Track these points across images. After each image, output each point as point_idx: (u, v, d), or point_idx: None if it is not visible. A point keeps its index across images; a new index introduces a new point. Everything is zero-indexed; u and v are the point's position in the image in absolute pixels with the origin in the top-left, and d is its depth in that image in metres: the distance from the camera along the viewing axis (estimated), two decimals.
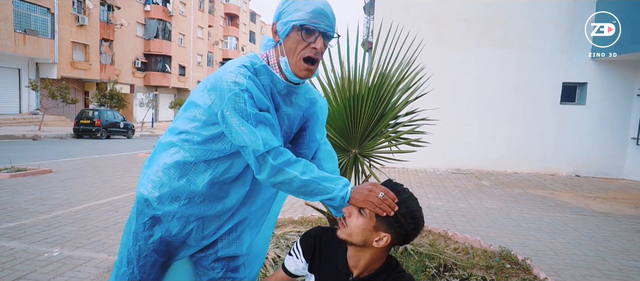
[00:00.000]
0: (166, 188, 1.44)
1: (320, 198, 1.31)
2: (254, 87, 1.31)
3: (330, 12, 1.37)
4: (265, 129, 1.29)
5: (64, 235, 4.04)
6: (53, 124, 23.66)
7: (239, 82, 1.29)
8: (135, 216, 1.49)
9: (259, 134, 1.27)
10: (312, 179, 1.29)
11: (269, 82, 1.40)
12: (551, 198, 7.39)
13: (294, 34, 1.34)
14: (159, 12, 35.30)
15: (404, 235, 1.27)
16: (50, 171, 7.87)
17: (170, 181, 1.43)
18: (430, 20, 10.84)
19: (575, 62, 10.42)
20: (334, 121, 2.89)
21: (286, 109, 1.49)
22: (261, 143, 1.27)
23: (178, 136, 1.44)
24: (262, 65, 1.40)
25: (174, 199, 1.44)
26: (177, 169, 1.43)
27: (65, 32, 26.14)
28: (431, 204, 6.42)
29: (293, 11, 1.34)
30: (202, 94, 1.38)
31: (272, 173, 1.29)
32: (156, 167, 1.47)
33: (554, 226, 5.34)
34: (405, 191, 1.28)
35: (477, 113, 10.83)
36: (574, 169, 10.61)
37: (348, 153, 2.97)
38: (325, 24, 1.35)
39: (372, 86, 2.87)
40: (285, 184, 1.30)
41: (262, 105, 1.33)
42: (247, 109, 1.28)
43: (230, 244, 1.56)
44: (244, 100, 1.28)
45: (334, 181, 1.31)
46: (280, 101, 1.45)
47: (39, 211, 4.89)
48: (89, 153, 12.17)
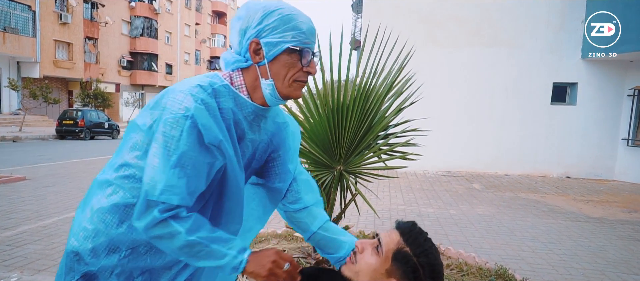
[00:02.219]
0: (102, 238, 1.16)
1: (208, 264, 1.08)
2: (203, 116, 1.05)
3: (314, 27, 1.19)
4: (180, 176, 1.04)
5: (26, 256, 3.73)
6: (35, 125, 23.05)
7: (186, 106, 1.04)
8: (64, 274, 1.21)
9: (165, 177, 1.02)
10: (199, 240, 1.05)
11: (232, 106, 1.15)
12: (543, 201, 7.24)
13: (287, 57, 1.13)
14: (145, 9, 34.70)
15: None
16: (24, 178, 7.50)
17: (106, 229, 1.16)
18: (420, 19, 10.64)
19: (566, 63, 10.31)
20: (317, 135, 2.64)
21: (253, 136, 1.25)
22: (160, 189, 1.02)
23: (116, 172, 1.17)
24: (222, 85, 1.15)
25: (112, 250, 1.17)
26: (115, 213, 1.16)
27: (47, 31, 25.47)
28: (422, 211, 6.21)
29: (283, 30, 1.11)
30: (144, 113, 1.13)
31: (153, 222, 1.04)
32: (90, 211, 1.20)
33: (549, 234, 5.16)
34: (428, 240, 1.11)
35: (467, 114, 10.66)
36: (565, 171, 10.50)
37: (332, 169, 2.72)
38: (314, 42, 1.17)
39: (358, 95, 2.62)
40: (164, 239, 1.06)
41: (211, 137, 1.07)
42: (178, 141, 1.03)
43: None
44: (180, 129, 1.03)
45: (227, 244, 1.09)
46: (245, 127, 1.20)
47: (3, 227, 4.56)
48: (69, 156, 11.76)
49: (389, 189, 7.86)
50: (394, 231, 1.12)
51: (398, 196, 7.30)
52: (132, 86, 35.06)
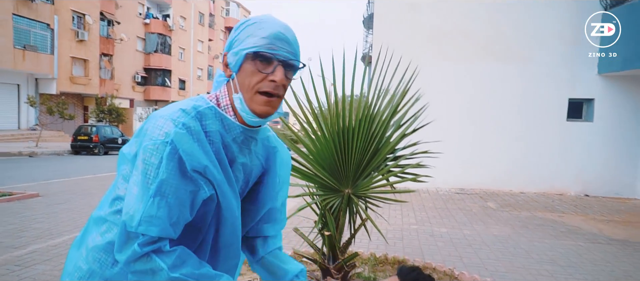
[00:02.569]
0: (97, 278, 1.11)
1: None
2: (183, 141, 0.98)
3: (292, 37, 1.08)
4: (159, 206, 0.97)
5: (35, 277, 3.70)
6: (51, 140, 23.44)
7: (166, 131, 0.98)
8: None
9: (143, 206, 0.96)
10: (183, 278, 0.99)
11: (219, 128, 1.08)
12: (561, 221, 7.02)
13: (248, 65, 1.05)
14: (159, 26, 35.34)
15: None
16: (38, 195, 7.55)
17: (101, 269, 1.10)
18: (430, 34, 10.58)
19: (581, 78, 10.11)
20: (323, 158, 2.57)
21: (244, 159, 1.17)
22: (138, 220, 0.96)
23: (110, 207, 1.11)
24: (207, 107, 1.08)
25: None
26: (109, 252, 1.09)
27: (64, 48, 26.07)
28: (434, 231, 6.06)
29: (245, 38, 1.06)
30: (131, 142, 1.08)
31: (134, 257, 0.97)
32: (85, 250, 1.14)
33: (568, 257, 4.97)
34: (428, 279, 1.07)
35: (480, 130, 10.49)
36: (583, 189, 10.22)
37: (340, 193, 2.64)
38: (286, 51, 1.05)
39: (363, 117, 2.55)
40: (147, 275, 0.99)
41: (195, 163, 1.00)
42: (158, 169, 0.97)
43: None
44: (160, 156, 0.97)
45: (213, 279, 1.03)
46: (235, 150, 1.13)
47: (14, 246, 4.56)
48: (83, 172, 11.87)
49: (400, 208, 7.72)
50: (395, 278, 1.07)
51: (410, 215, 7.16)
52: (145, 101, 35.55)
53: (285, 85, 1.08)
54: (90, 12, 27.65)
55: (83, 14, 27.18)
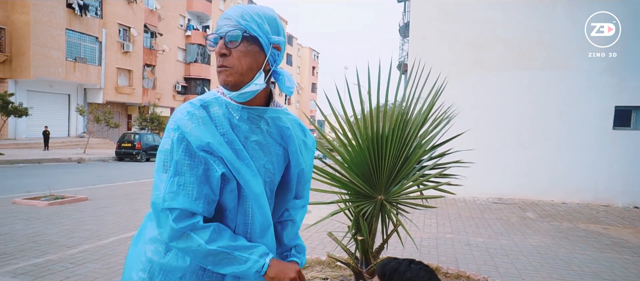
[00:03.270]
0: (155, 267, 1.24)
1: (232, 269, 1.14)
2: (187, 124, 1.14)
3: (237, 11, 1.17)
4: (178, 184, 1.11)
5: (86, 274, 3.96)
6: (97, 147, 24.68)
7: (175, 119, 1.16)
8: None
9: (164, 185, 1.11)
10: (220, 249, 1.12)
11: (224, 111, 1.21)
12: (606, 234, 6.74)
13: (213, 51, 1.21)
14: (199, 37, 36.56)
15: None
16: (87, 199, 8.01)
17: (157, 258, 1.23)
18: (466, 43, 10.45)
19: (629, 85, 9.68)
20: (357, 165, 2.65)
21: (257, 137, 1.26)
22: (162, 197, 1.11)
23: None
24: (214, 98, 1.23)
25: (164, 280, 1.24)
26: (161, 242, 1.23)
27: (111, 59, 27.48)
28: (470, 240, 5.98)
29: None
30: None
31: (174, 235, 1.12)
32: (143, 243, 1.29)
33: (613, 270, 4.78)
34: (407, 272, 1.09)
35: (519, 139, 10.23)
36: (632, 200, 9.73)
37: (373, 199, 2.70)
38: (228, 25, 1.16)
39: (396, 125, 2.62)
40: (189, 251, 1.13)
41: (198, 141, 1.13)
42: (171, 152, 1.13)
43: None
44: (171, 141, 1.13)
45: (249, 249, 1.15)
46: (246, 129, 1.24)
47: (67, 245, 4.89)
48: (126, 178, 12.45)
49: (436, 217, 7.65)
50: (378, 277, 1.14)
51: (446, 224, 7.08)
52: None
53: (225, 53, 1.17)
54: (135, 25, 29.03)
55: (129, 26, 28.58)
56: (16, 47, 21.94)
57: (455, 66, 10.09)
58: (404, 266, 1.09)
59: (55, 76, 23.52)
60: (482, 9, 10.44)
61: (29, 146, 21.40)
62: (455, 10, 10.60)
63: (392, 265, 1.11)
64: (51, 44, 23.03)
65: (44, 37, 22.60)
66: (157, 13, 31.82)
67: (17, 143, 21.46)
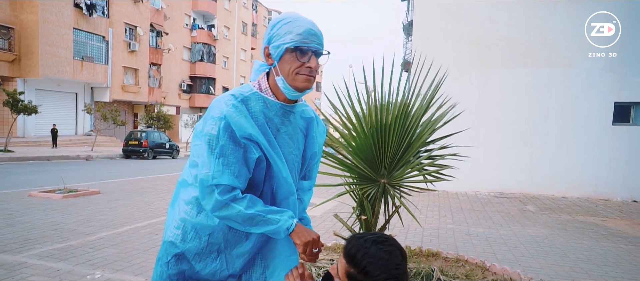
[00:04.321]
0: (188, 225, 1.49)
1: (266, 229, 1.36)
2: (233, 116, 1.36)
3: (319, 31, 1.42)
4: (224, 164, 1.34)
5: (106, 258, 4.21)
6: (104, 145, 25.01)
7: (221, 109, 1.37)
8: (161, 256, 1.54)
9: (212, 165, 1.33)
10: (257, 213, 1.35)
11: (262, 107, 1.45)
12: (603, 225, 6.93)
13: (288, 56, 1.39)
14: (204, 36, 36.87)
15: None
16: (99, 192, 8.28)
17: (190, 218, 1.49)
18: (470, 41, 10.64)
19: (629, 81, 9.84)
20: (362, 151, 2.87)
21: (287, 129, 1.51)
22: (211, 175, 1.32)
23: (190, 170, 1.51)
24: (252, 93, 1.45)
25: (195, 236, 1.49)
26: (194, 205, 1.48)
27: (117, 58, 27.82)
28: (471, 230, 6.19)
29: (284, 34, 1.38)
30: (200, 123, 1.46)
31: (218, 206, 1.35)
32: (178, 206, 1.54)
33: (606, 257, 4.99)
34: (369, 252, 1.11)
35: (521, 135, 10.42)
36: (631, 195, 9.90)
37: (377, 183, 2.93)
38: (316, 43, 1.39)
39: (398, 114, 2.84)
40: (230, 218, 1.36)
41: (242, 131, 1.36)
42: (217, 137, 1.34)
43: (252, 274, 1.57)
44: (218, 128, 1.34)
45: (279, 213, 1.38)
46: (278, 122, 1.48)
47: (86, 233, 5.14)
48: (135, 174, 12.72)
49: (438, 209, 7.86)
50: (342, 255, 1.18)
51: (448, 215, 7.29)
52: (191, 108, 37.10)
53: (317, 68, 1.43)
54: (142, 24, 29.36)
55: (135, 26, 28.91)
56: (25, 46, 22.30)
57: (458, 64, 10.29)
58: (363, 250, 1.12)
59: (63, 74, 23.87)
60: (485, 8, 10.62)
61: (38, 144, 21.75)
62: (459, 9, 10.79)
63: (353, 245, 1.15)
64: (59, 43, 23.37)
65: (52, 37, 22.94)
66: (162, 12, 32.14)
67: (26, 141, 21.82)
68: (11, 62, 22.06)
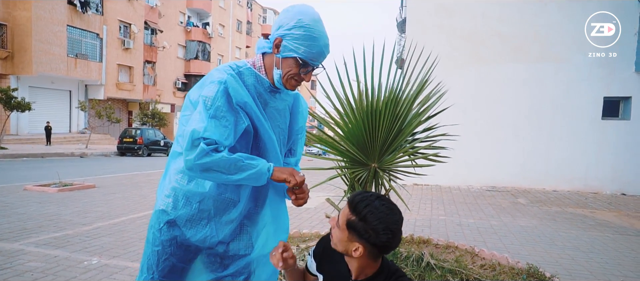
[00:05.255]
0: (178, 193, 1.56)
1: (248, 173, 1.43)
2: (232, 82, 1.47)
3: (328, 50, 1.55)
4: (216, 124, 1.42)
5: (102, 245, 4.28)
6: (99, 143, 24.94)
7: (220, 76, 1.48)
8: (153, 224, 1.61)
9: (206, 122, 1.40)
10: (237, 157, 1.42)
11: (254, 82, 1.57)
12: (592, 216, 7.07)
13: (292, 61, 1.52)
14: (199, 34, 36.79)
15: (378, 246, 1.24)
16: (94, 186, 8.32)
17: (181, 186, 1.56)
18: (463, 37, 10.76)
19: (618, 76, 10.01)
20: (353, 136, 2.96)
21: (275, 104, 1.64)
22: (203, 128, 1.39)
23: (180, 143, 1.54)
24: (246, 68, 1.58)
25: (186, 203, 1.56)
26: (185, 173, 1.55)
27: (112, 56, 27.71)
28: (462, 221, 6.30)
29: (299, 40, 1.48)
30: (194, 93, 1.55)
31: (201, 154, 1.39)
32: (169, 176, 1.61)
33: (592, 245, 5.12)
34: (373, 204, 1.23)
35: (513, 129, 10.56)
36: (619, 188, 10.08)
37: (367, 167, 3.02)
38: (320, 62, 1.55)
39: (389, 100, 2.93)
40: (213, 167, 1.41)
41: (238, 98, 1.47)
42: (214, 99, 1.43)
43: (240, 242, 1.64)
44: (216, 90, 1.44)
45: (255, 159, 1.46)
46: (267, 97, 1.61)
47: (82, 223, 5.20)
48: (130, 170, 12.74)
49: (431, 202, 7.97)
50: (346, 204, 1.30)
51: (440, 207, 7.40)
52: None
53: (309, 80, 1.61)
54: (136, 22, 29.27)
55: (129, 23, 28.82)
56: (18, 43, 22.18)
57: (452, 60, 10.40)
58: (367, 201, 1.24)
59: (56, 72, 23.76)
60: (478, 3, 10.75)
61: (32, 142, 21.66)
62: (452, 4, 10.91)
63: (359, 195, 1.28)
64: (53, 40, 23.26)
65: (46, 34, 22.83)
66: (157, 10, 32.05)
67: (19, 139, 21.71)
68: (4, 59, 21.94)
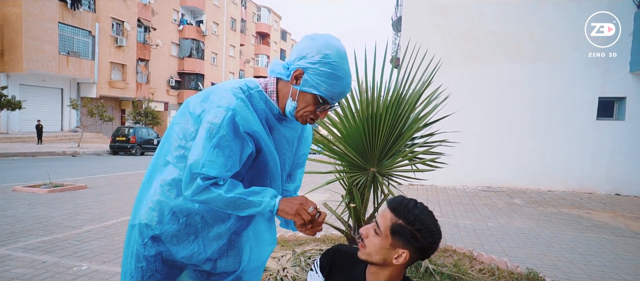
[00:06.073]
0: (165, 208, 1.45)
1: (249, 211, 1.35)
2: (242, 109, 1.34)
3: (350, 89, 1.45)
4: (219, 154, 1.31)
5: (92, 250, 4.17)
6: (91, 141, 24.67)
7: (228, 100, 1.33)
8: (136, 239, 1.49)
9: (205, 153, 1.30)
10: (237, 195, 1.33)
11: (264, 107, 1.44)
12: (587, 217, 7.06)
13: (311, 97, 1.37)
14: (193, 32, 36.54)
15: (422, 249, 1.24)
16: (86, 187, 8.18)
17: (168, 200, 1.45)
18: (459, 36, 10.72)
19: (613, 77, 10.02)
20: (352, 139, 2.88)
21: (284, 131, 1.52)
22: (201, 163, 1.30)
23: (172, 154, 1.46)
24: (257, 91, 1.43)
25: (173, 218, 1.46)
26: (173, 187, 1.44)
27: (104, 53, 27.43)
28: (459, 223, 6.25)
29: (323, 80, 1.34)
30: (195, 105, 1.42)
31: (197, 190, 1.31)
32: (154, 188, 1.49)
33: (589, 247, 5.09)
34: (417, 207, 1.24)
35: (508, 129, 10.55)
36: (614, 188, 10.10)
37: (366, 171, 2.95)
38: (338, 100, 1.42)
39: (390, 103, 2.86)
40: (210, 202, 1.34)
41: (247, 127, 1.35)
42: (219, 127, 1.30)
43: (228, 258, 1.56)
44: (222, 118, 1.31)
45: (260, 194, 1.35)
46: (275, 122, 1.48)
47: (72, 226, 5.08)
48: (122, 170, 12.58)
49: (426, 202, 7.89)
50: (387, 210, 1.26)
51: (435, 208, 7.35)
52: (179, 104, 36.69)
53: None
54: (129, 19, 28.99)
55: (122, 21, 28.53)
56: (8, 40, 21.86)
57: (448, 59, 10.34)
58: (412, 204, 1.24)
59: (48, 69, 23.47)
60: (474, 2, 10.71)
61: (22, 140, 21.37)
62: (448, 3, 10.86)
63: (400, 200, 1.26)
64: (44, 37, 22.96)
65: (37, 31, 22.53)
66: (150, 7, 31.76)
67: (9, 137, 21.43)
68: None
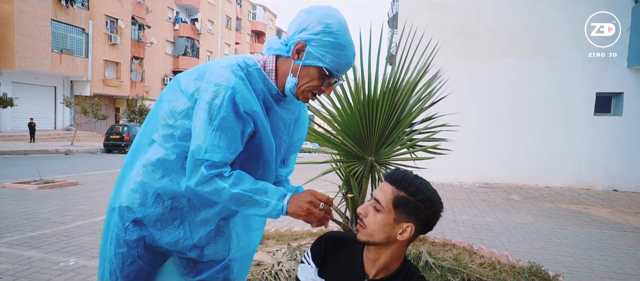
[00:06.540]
0: (148, 189, 1.34)
1: (256, 211, 1.25)
2: (241, 87, 1.23)
3: (354, 60, 1.34)
4: (220, 138, 1.21)
5: (81, 245, 4.04)
6: (85, 140, 24.43)
7: (227, 78, 1.22)
8: (116, 223, 1.38)
9: (207, 138, 1.20)
10: (243, 192, 1.23)
11: (262, 86, 1.32)
12: (586, 213, 6.99)
13: (315, 71, 1.27)
14: (188, 30, 36.30)
15: (426, 221, 1.20)
16: (77, 184, 8.02)
17: (151, 181, 1.34)
18: (455, 31, 10.63)
19: (610, 72, 9.97)
20: (349, 128, 2.77)
21: (281, 112, 1.40)
22: (203, 148, 1.20)
23: (158, 132, 1.35)
24: (255, 69, 1.32)
25: (157, 201, 1.35)
26: (158, 167, 1.33)
27: (98, 51, 27.15)
28: (457, 218, 6.16)
29: (327, 51, 1.24)
30: (187, 82, 1.30)
31: (201, 181, 1.22)
32: (136, 169, 1.38)
33: (590, 242, 5.01)
34: (417, 178, 1.18)
35: (505, 125, 10.47)
36: (611, 184, 10.05)
37: (364, 160, 2.83)
38: (343, 73, 1.33)
39: (387, 90, 2.75)
40: (214, 194, 1.24)
41: (247, 107, 1.24)
42: (220, 108, 1.20)
43: (216, 245, 1.46)
44: (222, 97, 1.20)
45: (268, 193, 1.25)
46: (273, 103, 1.37)
47: (61, 222, 4.94)
48: (116, 167, 12.41)
49: None
50: (385, 184, 1.19)
51: None
52: None
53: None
54: (123, 17, 28.72)
55: (116, 18, 28.26)
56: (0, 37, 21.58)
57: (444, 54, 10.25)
58: (412, 175, 1.18)
59: (40, 67, 23.18)
60: None
61: (15, 138, 21.10)
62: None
63: (400, 172, 1.19)
64: (36, 34, 22.68)
65: (29, 28, 22.24)
66: (145, 5, 31.49)
67: (1, 135, 21.15)
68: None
